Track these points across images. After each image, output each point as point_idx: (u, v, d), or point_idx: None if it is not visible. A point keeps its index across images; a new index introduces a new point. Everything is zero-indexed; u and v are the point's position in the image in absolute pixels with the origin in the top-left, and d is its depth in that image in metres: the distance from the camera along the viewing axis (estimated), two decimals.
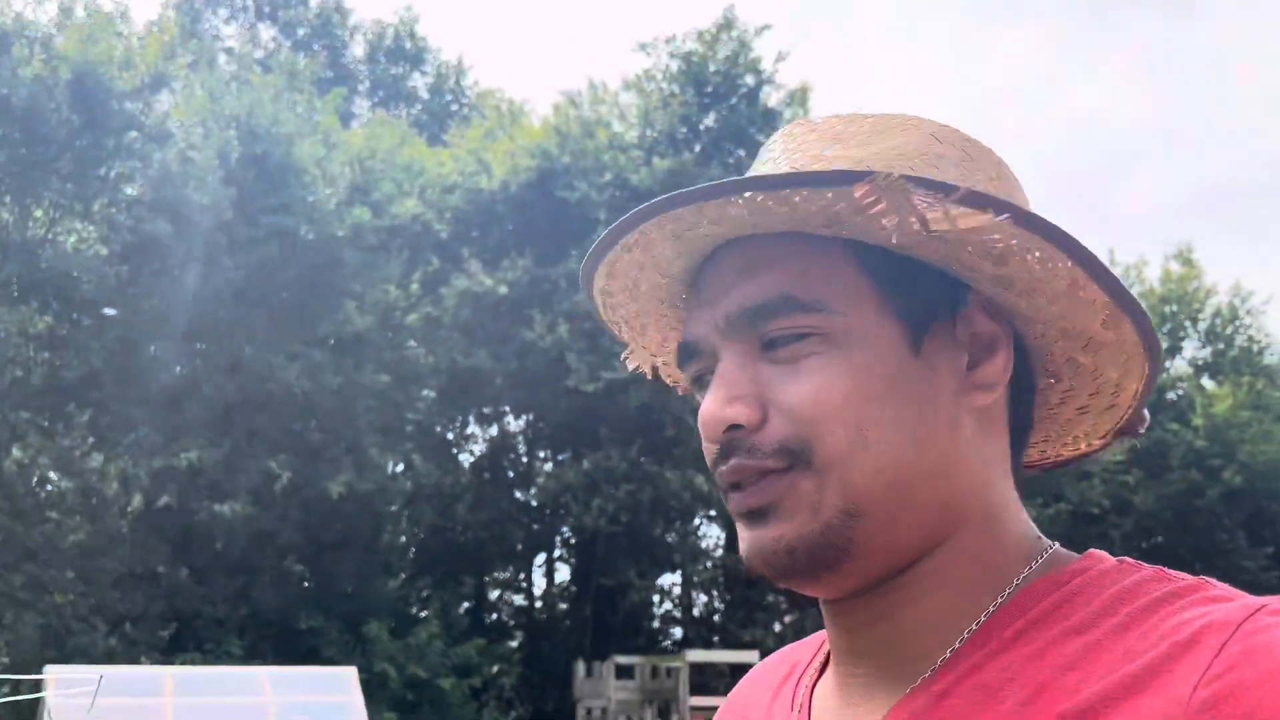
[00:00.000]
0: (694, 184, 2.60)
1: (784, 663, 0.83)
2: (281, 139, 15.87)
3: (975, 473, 0.69)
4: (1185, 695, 0.55)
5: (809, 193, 0.63)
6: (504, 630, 20.17)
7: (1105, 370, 0.71)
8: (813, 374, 0.65)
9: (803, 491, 0.65)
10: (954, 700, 0.64)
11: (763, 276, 0.67)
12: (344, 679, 9.99)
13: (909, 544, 0.67)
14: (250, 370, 15.17)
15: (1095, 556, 0.69)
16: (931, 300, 0.68)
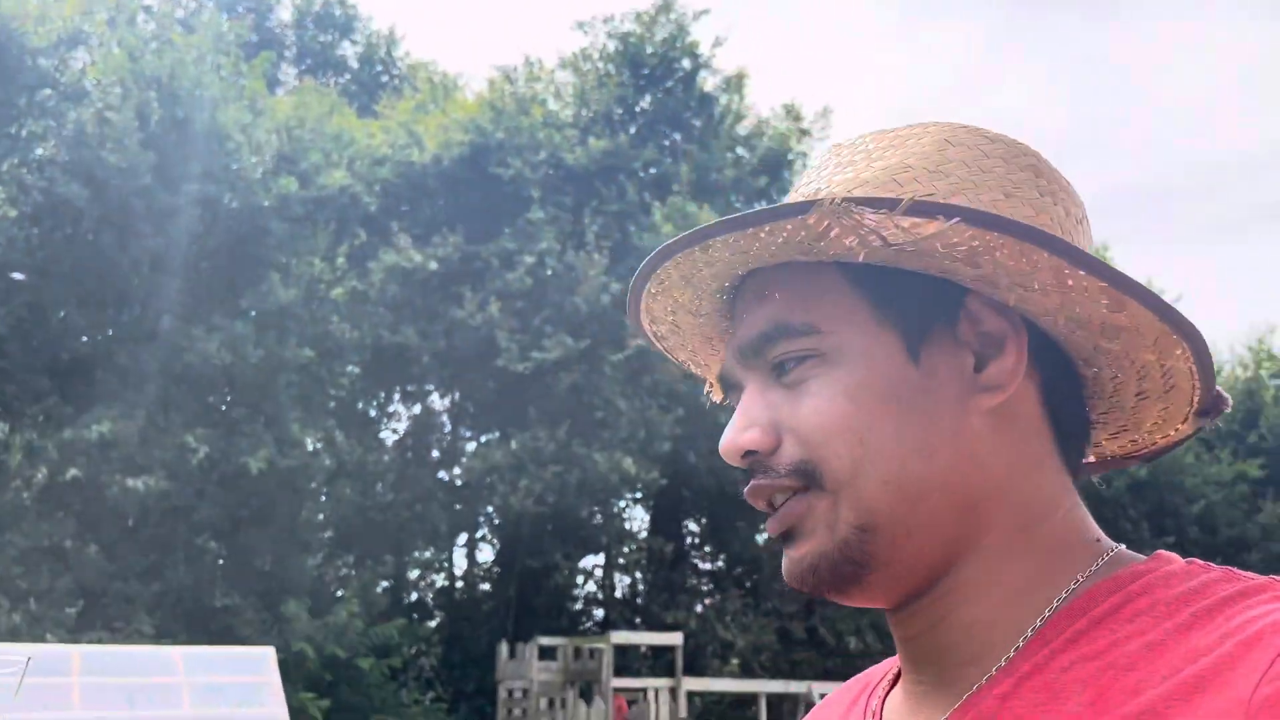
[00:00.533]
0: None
1: (857, 684, 0.84)
2: (205, 103, 15.36)
3: (997, 475, 0.69)
4: (1246, 694, 0.55)
5: (771, 227, 0.66)
6: (425, 610, 19.98)
7: (1137, 354, 0.70)
8: (813, 395, 0.68)
9: (819, 512, 0.68)
10: (1017, 702, 0.64)
11: (764, 306, 0.71)
12: (260, 659, 9.76)
13: (932, 552, 0.68)
14: (167, 341, 14.71)
15: (1163, 558, 0.68)
16: (926, 307, 0.69)
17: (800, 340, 0.69)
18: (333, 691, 14.54)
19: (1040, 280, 0.66)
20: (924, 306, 0.69)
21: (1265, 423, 23.40)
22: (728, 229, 0.68)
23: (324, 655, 14.35)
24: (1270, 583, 0.63)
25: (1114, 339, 0.69)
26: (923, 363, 0.69)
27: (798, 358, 0.69)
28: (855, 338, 0.69)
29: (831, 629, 19.02)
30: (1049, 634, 0.66)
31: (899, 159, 0.71)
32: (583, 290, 17.15)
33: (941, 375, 0.69)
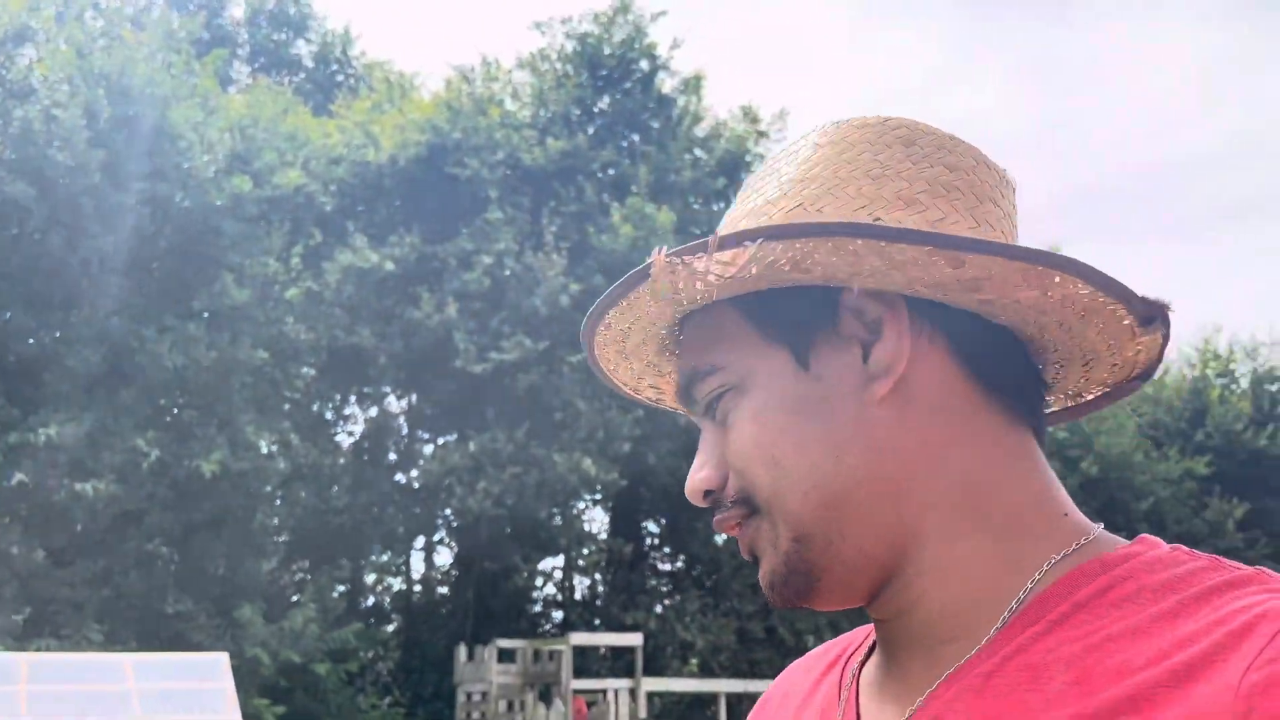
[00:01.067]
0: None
1: (830, 650, 0.84)
2: (156, 101, 15.11)
3: (914, 457, 0.68)
4: (1236, 681, 0.55)
5: (638, 292, 0.71)
6: (382, 614, 19.81)
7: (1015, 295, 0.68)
8: (732, 427, 0.72)
9: (764, 533, 0.71)
10: (1000, 680, 0.64)
11: (682, 356, 0.77)
12: (214, 665, 9.63)
13: (875, 546, 0.69)
14: (117, 342, 14.44)
15: (1148, 542, 0.68)
16: (805, 316, 0.71)
17: (710, 379, 0.73)
18: (288, 697, 14.36)
19: (871, 264, 0.66)
20: (803, 315, 0.71)
21: (1211, 421, 23.92)
22: (605, 307, 0.74)
23: (279, 661, 14.16)
24: (1258, 574, 0.63)
25: (979, 290, 0.68)
26: (812, 369, 0.70)
27: (717, 395, 0.73)
28: (753, 363, 0.72)
29: (790, 628, 19.13)
30: (1031, 615, 0.65)
31: (776, 181, 0.75)
32: (541, 291, 17.10)
33: (833, 376, 0.70)
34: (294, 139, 17.54)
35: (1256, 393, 25.09)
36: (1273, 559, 22.33)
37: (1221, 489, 22.46)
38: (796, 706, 0.81)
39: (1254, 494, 22.88)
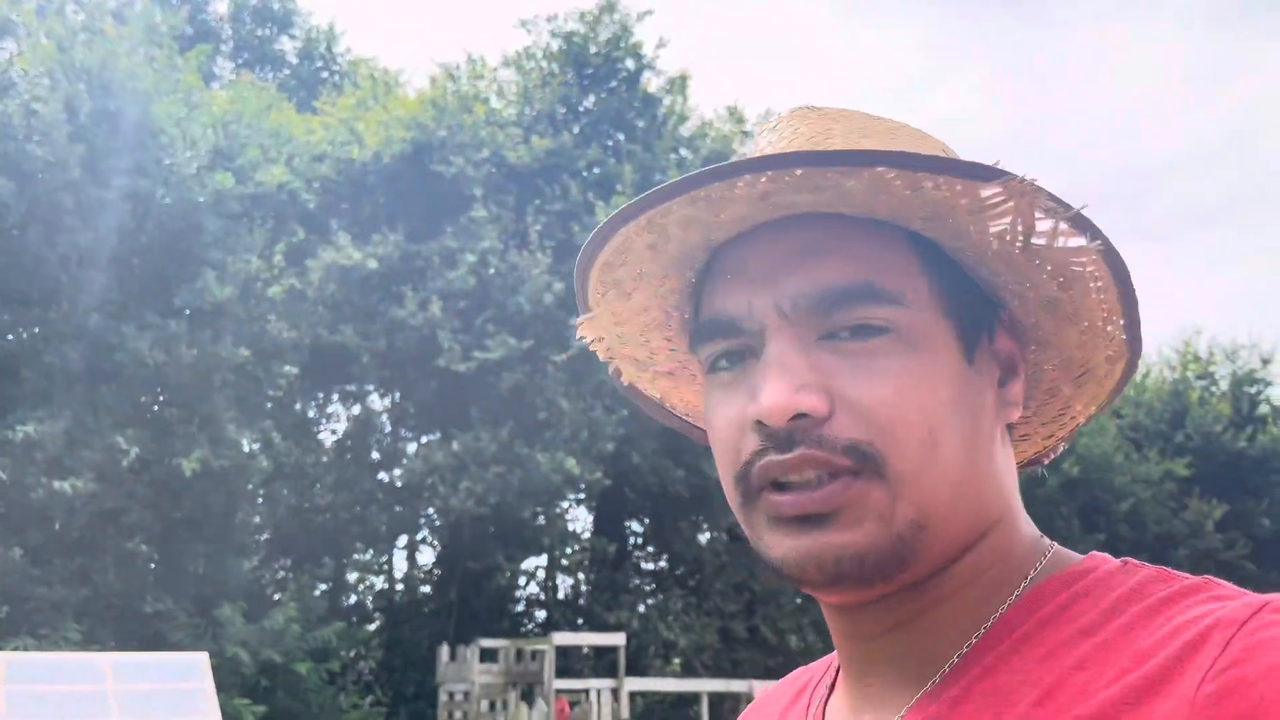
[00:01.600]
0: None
1: (794, 683, 0.82)
2: (138, 96, 14.98)
3: (1002, 481, 0.69)
4: (1191, 692, 0.55)
5: (942, 180, 0.60)
6: (364, 613, 19.73)
7: (1077, 401, 0.74)
8: (888, 375, 0.63)
9: (872, 501, 0.63)
10: (968, 705, 0.63)
11: (836, 260, 0.64)
12: (193, 665, 9.55)
13: (952, 552, 0.67)
14: (97, 339, 14.31)
15: (1099, 558, 0.69)
16: (978, 312, 0.68)
17: (884, 309, 0.64)
18: (269, 697, 14.27)
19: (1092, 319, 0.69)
20: (977, 310, 0.68)
21: (1191, 423, 24.08)
22: (894, 163, 0.60)
23: (259, 660, 14.07)
24: (1205, 583, 0.63)
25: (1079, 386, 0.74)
26: (974, 365, 0.67)
27: (870, 328, 0.64)
28: (930, 321, 0.65)
29: (773, 628, 19.15)
30: (996, 636, 0.65)
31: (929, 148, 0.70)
32: (526, 290, 17.06)
33: (985, 381, 0.68)
34: (277, 135, 17.43)
35: (1236, 395, 25.29)
36: (1251, 559, 22.52)
37: (1201, 490, 22.63)
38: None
39: (1233, 495, 23.05)
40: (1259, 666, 0.54)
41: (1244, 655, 0.55)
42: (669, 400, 0.83)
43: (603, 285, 0.74)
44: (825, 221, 0.65)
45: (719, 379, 0.69)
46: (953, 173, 0.60)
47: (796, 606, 19.34)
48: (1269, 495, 23.64)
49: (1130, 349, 0.69)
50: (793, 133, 0.70)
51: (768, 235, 0.67)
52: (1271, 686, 0.53)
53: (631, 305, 0.75)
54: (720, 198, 0.63)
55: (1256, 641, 0.55)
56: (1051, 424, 0.78)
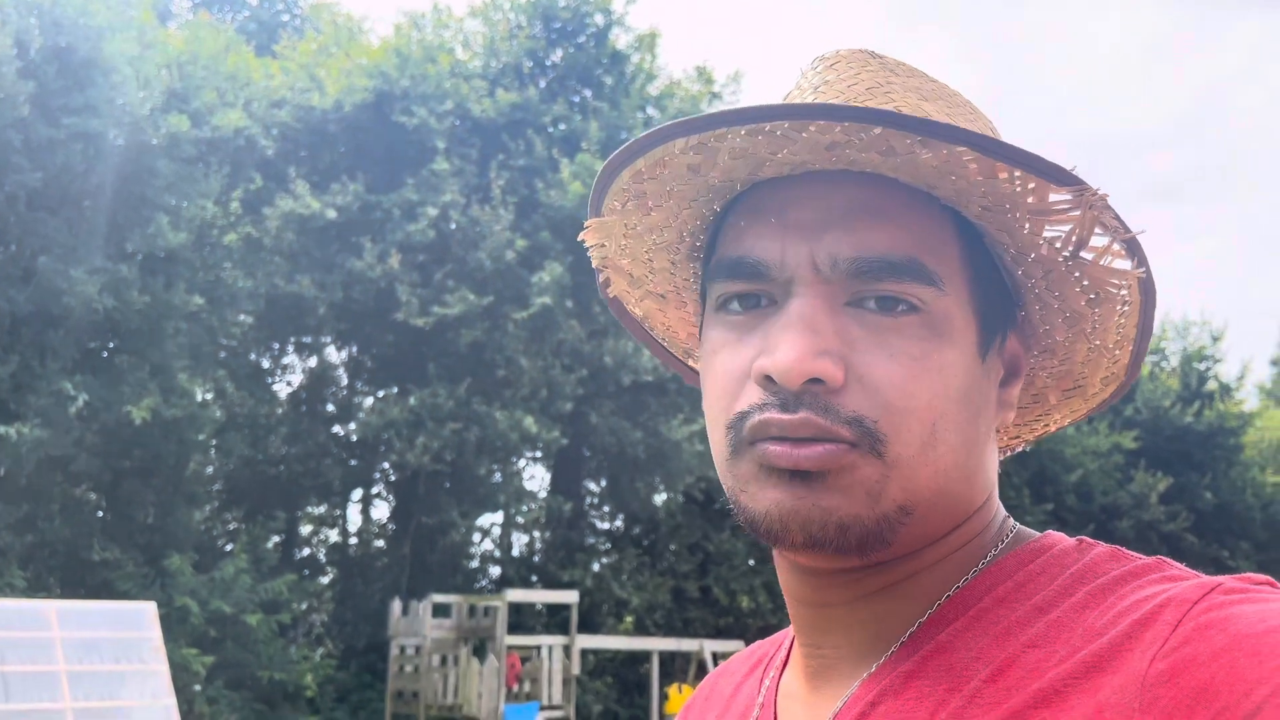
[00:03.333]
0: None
1: (750, 656, 0.82)
2: (90, 32, 14.52)
3: (989, 475, 0.70)
4: (1142, 669, 0.55)
5: (1019, 174, 0.58)
6: (316, 566, 19.64)
7: (1057, 412, 0.74)
8: (908, 357, 0.62)
9: (864, 475, 0.62)
10: (921, 681, 0.63)
11: (887, 227, 0.62)
12: (140, 614, 9.45)
13: (931, 536, 0.67)
14: (45, 283, 13.97)
15: (1054, 537, 0.69)
16: (1000, 311, 0.67)
17: (923, 290, 0.62)
18: (218, 648, 14.20)
19: (1107, 340, 0.69)
20: (1001, 308, 0.67)
21: (1140, 397, 24.54)
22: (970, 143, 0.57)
23: (209, 611, 13.97)
24: (1158, 563, 0.63)
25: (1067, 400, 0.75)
26: (986, 363, 0.66)
27: (906, 305, 0.62)
28: (957, 310, 0.64)
29: (725, 588, 19.36)
30: (952, 611, 0.65)
31: (978, 129, 0.68)
32: (487, 245, 16.88)
33: (991, 379, 0.68)
34: (235, 79, 17.01)
35: (1185, 371, 25.78)
36: (1192, 531, 23.09)
37: (1147, 463, 23.11)
38: (718, 712, 0.79)
39: (1178, 468, 23.58)
40: (1210, 646, 0.54)
41: (1195, 634, 0.55)
42: (651, 321, 0.82)
43: (625, 194, 0.70)
44: (877, 183, 0.63)
45: (727, 319, 0.66)
46: (1031, 169, 0.58)
47: (749, 568, 19.55)
48: (1212, 470, 24.21)
49: (1127, 375, 0.70)
50: (853, 78, 0.68)
51: (818, 185, 0.64)
52: (1222, 667, 0.53)
53: (649, 221, 0.72)
54: (784, 136, 0.61)
55: (1207, 621, 0.55)
56: (1023, 427, 0.78)
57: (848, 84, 0.67)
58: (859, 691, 0.65)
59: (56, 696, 7.96)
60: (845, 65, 0.68)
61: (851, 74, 0.68)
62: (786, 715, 0.71)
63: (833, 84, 0.68)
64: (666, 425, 17.52)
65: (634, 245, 0.75)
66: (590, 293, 17.55)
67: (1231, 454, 24.66)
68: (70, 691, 8.04)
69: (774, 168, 0.64)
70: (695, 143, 0.63)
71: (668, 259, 0.76)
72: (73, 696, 8.02)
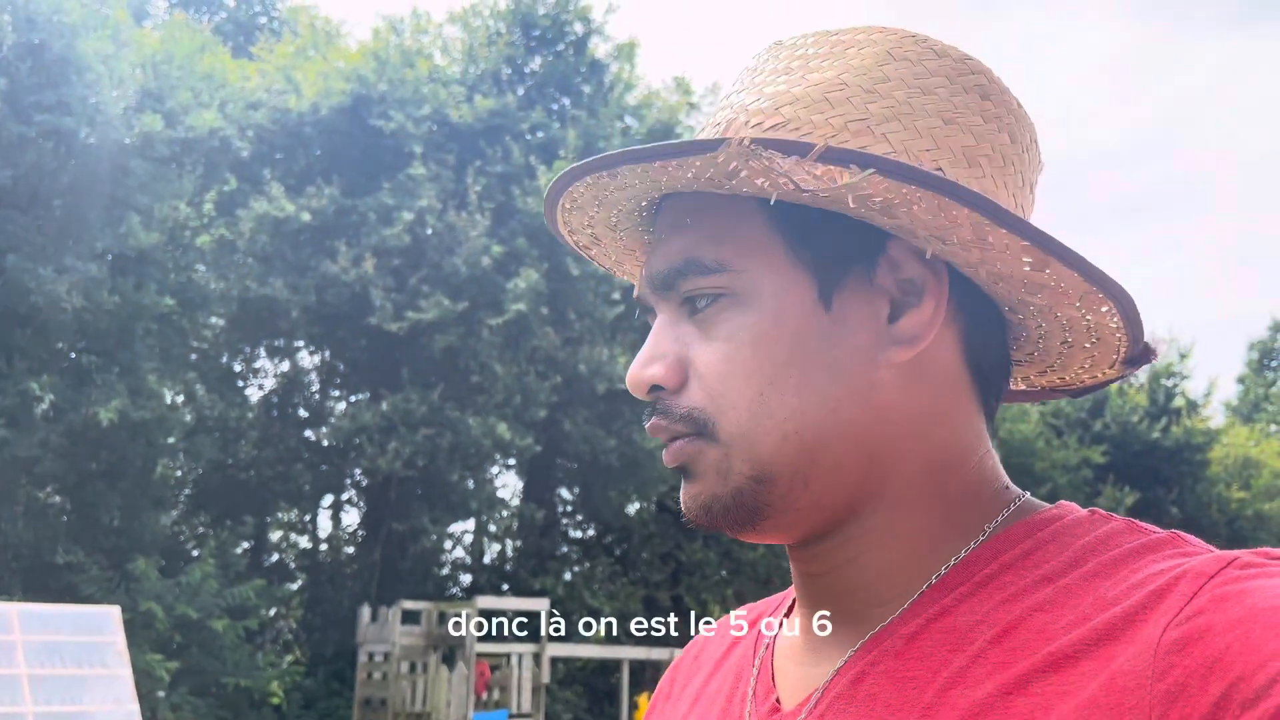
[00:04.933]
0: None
1: (748, 615, 0.83)
2: (63, 30, 14.38)
3: (902, 427, 0.67)
4: (1156, 637, 0.55)
5: (679, 162, 0.62)
6: (285, 572, 19.46)
7: (1062, 309, 0.68)
8: (719, 340, 0.66)
9: (710, 458, 0.66)
10: (924, 641, 0.63)
11: (678, 237, 0.68)
12: (104, 618, 9.32)
13: (833, 499, 0.66)
14: (13, 281, 13.79)
15: (1066, 507, 0.69)
16: (843, 250, 0.66)
17: (711, 278, 0.66)
18: (183, 653, 14.03)
19: (960, 235, 0.63)
20: (841, 249, 0.66)
21: (1110, 412, 24.81)
22: (633, 159, 0.64)
23: (174, 616, 13.81)
24: (1172, 537, 0.63)
25: (1037, 294, 0.67)
26: (835, 309, 0.66)
27: (710, 295, 0.67)
28: (767, 279, 0.65)
29: (696, 598, 19.35)
30: (957, 578, 0.65)
31: (835, 73, 0.67)
32: (462, 251, 16.84)
33: (852, 324, 0.66)
34: (210, 80, 16.89)
35: (1153, 387, 26.08)
36: None
37: (1115, 477, 23.35)
38: (708, 672, 0.79)
39: (1144, 483, 23.84)
40: (1226, 618, 0.54)
41: (1211, 606, 0.55)
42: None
43: (576, 246, 0.79)
44: (691, 195, 0.68)
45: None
46: (682, 155, 0.62)
47: (720, 578, 19.56)
48: (1179, 484, 24.49)
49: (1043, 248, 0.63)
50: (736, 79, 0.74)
51: (664, 210, 0.71)
52: (1237, 638, 0.53)
53: (604, 263, 0.80)
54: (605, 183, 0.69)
55: (1224, 594, 0.55)
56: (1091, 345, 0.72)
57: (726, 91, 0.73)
58: (859, 653, 0.66)
59: (17, 700, 7.84)
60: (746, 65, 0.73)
61: (738, 75, 0.73)
62: (784, 674, 0.71)
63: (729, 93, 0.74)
64: (640, 434, 17.51)
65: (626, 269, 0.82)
66: (565, 300, 17.54)
67: (1198, 469, 24.96)
68: (32, 695, 7.92)
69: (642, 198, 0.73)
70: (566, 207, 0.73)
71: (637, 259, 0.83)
72: (34, 700, 7.90)
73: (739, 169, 0.61)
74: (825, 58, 0.67)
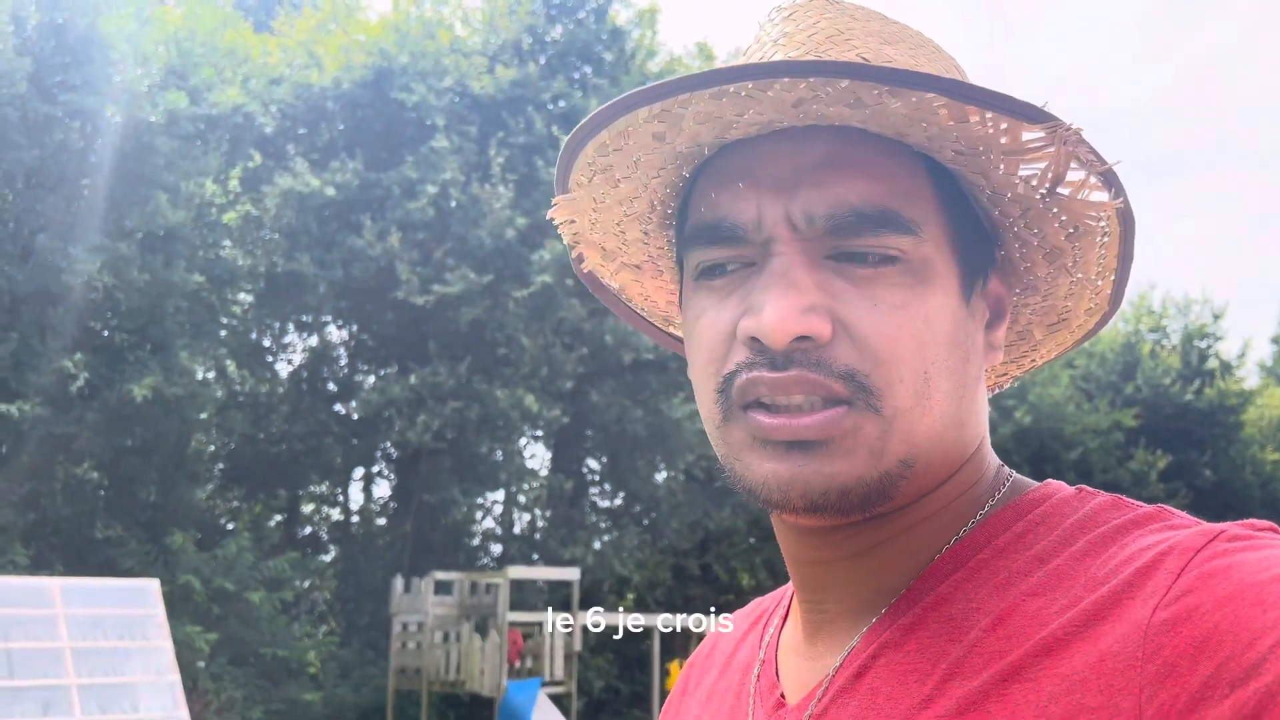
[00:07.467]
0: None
1: (752, 612, 0.83)
2: (87, 8, 14.43)
3: (981, 419, 0.70)
4: (1145, 617, 0.55)
5: (990, 116, 0.57)
6: (318, 544, 19.72)
7: (1043, 346, 0.74)
8: (893, 307, 0.61)
9: (865, 433, 0.61)
10: (922, 632, 0.63)
11: (859, 179, 0.61)
12: (144, 591, 9.49)
13: (929, 485, 0.67)
14: (44, 261, 13.95)
15: (1053, 486, 0.69)
16: (981, 250, 0.67)
17: (901, 239, 0.61)
18: (221, 624, 14.27)
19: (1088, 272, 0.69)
20: (980, 248, 0.67)
21: (1141, 375, 24.54)
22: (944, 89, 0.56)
23: (211, 588, 14.04)
24: (1159, 511, 0.63)
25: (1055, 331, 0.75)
26: (970, 306, 0.66)
27: (882, 255, 0.61)
28: (937, 256, 0.63)
29: (725, 566, 19.43)
30: (950, 565, 0.65)
31: (940, 70, 0.66)
32: (487, 223, 16.84)
33: (977, 322, 0.67)
34: (233, 55, 16.91)
35: (1185, 349, 25.76)
36: (1192, 508, 23.07)
37: (1147, 441, 23.14)
38: (721, 666, 0.80)
39: (1177, 446, 23.61)
40: (1213, 595, 0.54)
41: (1198, 583, 0.55)
42: (628, 293, 0.81)
43: (591, 168, 0.69)
44: (846, 134, 0.62)
45: (709, 284, 0.66)
46: (1003, 109, 0.57)
47: (749, 545, 19.62)
48: (1212, 447, 24.24)
49: (1111, 304, 0.70)
50: (812, 27, 0.66)
51: (787, 141, 0.63)
52: (1225, 616, 0.52)
53: (618, 193, 0.71)
54: (749, 96, 0.60)
55: (1211, 570, 0.55)
56: (1010, 364, 0.78)
57: (808, 34, 0.66)
58: (859, 644, 0.66)
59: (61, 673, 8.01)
60: (803, 14, 0.67)
61: (810, 23, 0.66)
62: (787, 669, 0.72)
63: (793, 35, 0.66)
64: (667, 403, 17.54)
65: (604, 218, 0.74)
66: None
67: (1231, 432, 24.69)
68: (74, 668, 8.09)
69: (741, 129, 0.63)
70: (659, 110, 0.63)
71: (640, 229, 0.75)
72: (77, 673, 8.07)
73: (1041, 147, 0.58)
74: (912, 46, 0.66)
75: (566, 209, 0.73)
